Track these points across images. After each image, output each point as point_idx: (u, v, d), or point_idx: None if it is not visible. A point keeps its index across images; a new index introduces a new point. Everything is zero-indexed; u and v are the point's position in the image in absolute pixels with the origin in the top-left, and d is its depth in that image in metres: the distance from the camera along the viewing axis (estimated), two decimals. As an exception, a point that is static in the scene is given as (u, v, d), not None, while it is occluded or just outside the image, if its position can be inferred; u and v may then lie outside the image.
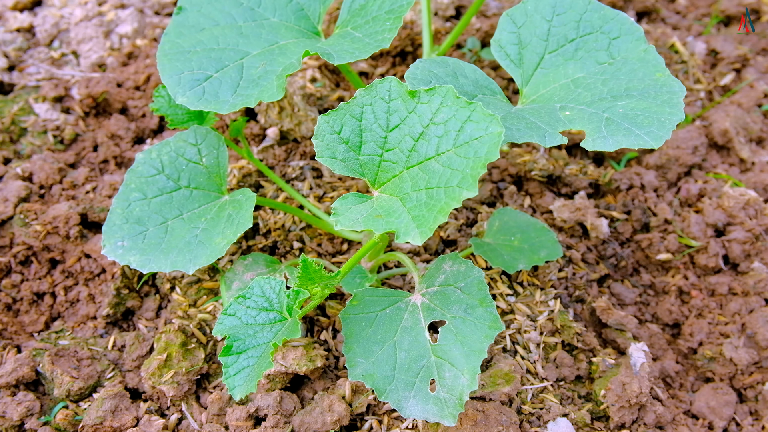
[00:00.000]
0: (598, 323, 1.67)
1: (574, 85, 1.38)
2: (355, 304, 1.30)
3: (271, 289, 1.26)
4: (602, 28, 1.42)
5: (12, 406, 1.42)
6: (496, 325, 1.24)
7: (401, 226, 1.12)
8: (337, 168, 1.24)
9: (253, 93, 1.33)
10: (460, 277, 1.31)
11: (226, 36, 1.43)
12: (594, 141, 1.23)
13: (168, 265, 1.39)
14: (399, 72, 2.01)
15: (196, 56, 1.39)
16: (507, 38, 1.43)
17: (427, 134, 1.20)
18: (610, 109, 1.29)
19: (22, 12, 2.23)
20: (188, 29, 1.45)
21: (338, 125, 1.25)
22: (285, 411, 1.38)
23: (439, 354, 1.24)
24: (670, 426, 1.49)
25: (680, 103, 1.29)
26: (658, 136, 1.23)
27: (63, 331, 1.61)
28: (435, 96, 1.20)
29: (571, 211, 1.76)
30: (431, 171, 1.18)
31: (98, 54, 2.08)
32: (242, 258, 1.57)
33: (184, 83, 1.35)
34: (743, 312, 1.71)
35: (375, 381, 1.24)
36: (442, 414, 1.20)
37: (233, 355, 1.22)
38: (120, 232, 1.44)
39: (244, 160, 1.81)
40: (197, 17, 1.46)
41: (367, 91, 1.24)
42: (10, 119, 1.92)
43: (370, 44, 1.36)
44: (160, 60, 1.39)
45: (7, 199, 1.73)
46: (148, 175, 1.49)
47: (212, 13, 1.47)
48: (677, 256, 1.80)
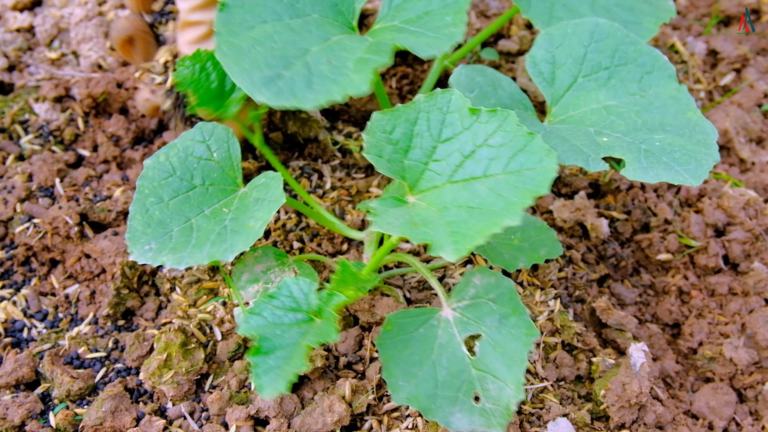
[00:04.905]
0: (598, 323, 1.67)
1: (606, 112, 1.41)
2: (389, 328, 1.30)
3: (299, 290, 1.25)
4: (636, 61, 1.46)
5: (13, 407, 1.42)
6: (532, 331, 1.25)
7: (437, 239, 1.10)
8: (382, 167, 1.24)
9: (332, 88, 1.29)
10: (491, 289, 1.31)
11: (279, 33, 1.39)
12: (635, 171, 1.26)
13: (205, 257, 1.35)
14: (399, 72, 2.01)
15: (260, 56, 1.34)
16: (542, 56, 1.46)
17: (478, 154, 1.20)
18: (647, 141, 1.32)
19: (22, 12, 2.23)
20: (238, 27, 1.39)
21: (391, 126, 1.25)
22: (286, 412, 1.38)
23: (479, 367, 1.25)
24: (670, 426, 1.49)
25: (715, 145, 1.33)
26: (697, 175, 1.27)
27: (63, 331, 1.61)
28: (494, 118, 1.20)
29: (571, 211, 1.77)
30: (475, 191, 1.17)
31: (98, 54, 2.08)
32: (252, 250, 1.55)
33: (257, 83, 1.30)
34: (743, 312, 1.71)
35: (420, 402, 1.23)
36: (489, 424, 1.21)
37: (262, 355, 1.19)
38: (144, 237, 1.40)
39: (245, 161, 1.81)
40: (242, 14, 1.40)
41: (427, 98, 1.25)
42: (10, 119, 1.92)
43: (440, 38, 1.34)
44: (224, 62, 1.33)
45: (7, 199, 1.73)
46: (160, 179, 1.45)
47: (256, 9, 1.42)
48: (677, 256, 1.81)
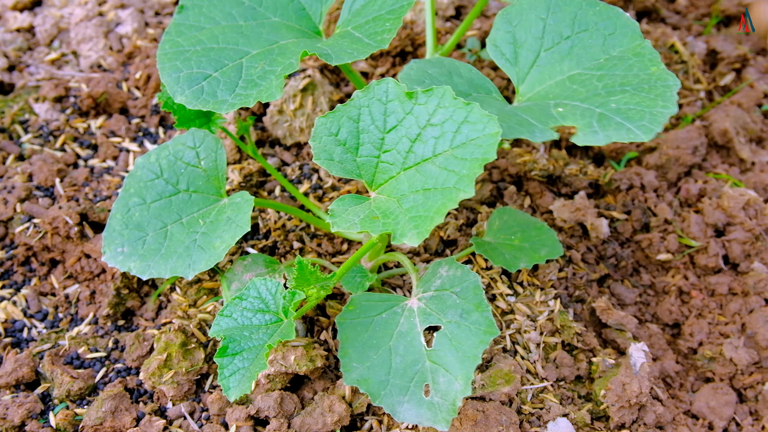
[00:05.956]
0: (598, 323, 1.67)
1: (569, 82, 1.38)
2: (352, 309, 1.30)
3: (267, 291, 1.26)
4: (597, 25, 1.42)
5: (13, 408, 1.42)
6: (491, 330, 1.24)
7: (398, 228, 1.12)
8: (335, 170, 1.23)
9: (251, 93, 1.32)
10: (456, 281, 1.30)
11: (226, 35, 1.42)
12: (585, 136, 1.23)
13: (167, 270, 1.38)
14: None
15: (195, 55, 1.38)
16: (502, 37, 1.43)
17: (424, 135, 1.20)
18: (603, 104, 1.28)
19: (22, 12, 2.23)
20: (188, 28, 1.44)
21: (335, 127, 1.24)
22: (286, 412, 1.38)
23: (433, 359, 1.24)
24: (670, 426, 1.49)
25: (674, 96, 1.28)
26: (649, 129, 1.22)
27: (63, 331, 1.61)
28: (432, 97, 1.19)
29: (571, 212, 1.76)
30: (428, 172, 1.17)
31: (98, 54, 2.08)
32: (241, 258, 1.56)
33: (182, 82, 1.34)
34: (743, 312, 1.71)
35: (369, 386, 1.24)
36: (435, 419, 1.20)
37: (228, 356, 1.22)
38: (120, 239, 1.43)
39: (245, 161, 1.81)
40: (198, 16, 1.45)
41: (364, 92, 1.24)
42: (10, 119, 1.92)
43: (370, 45, 1.35)
44: (159, 59, 1.38)
45: (7, 199, 1.73)
46: (147, 179, 1.47)
47: (213, 12, 1.46)
48: (677, 256, 1.80)
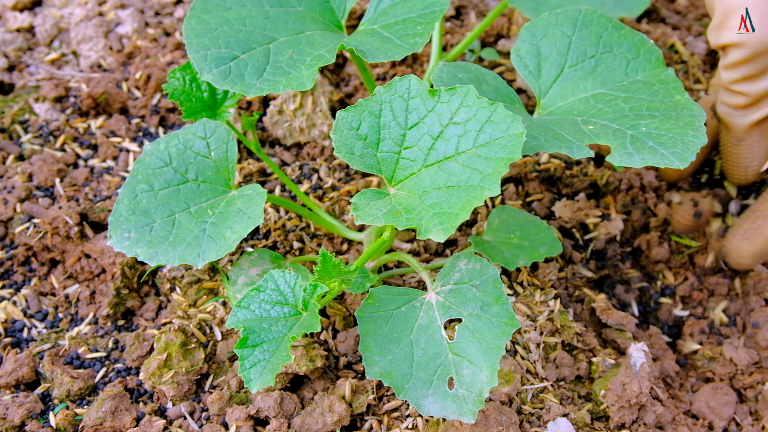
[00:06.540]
0: (598, 323, 1.67)
1: (594, 101, 1.40)
2: (371, 302, 1.29)
3: (285, 283, 1.25)
4: (621, 48, 1.45)
5: (13, 407, 1.42)
6: (512, 322, 1.24)
7: (422, 223, 1.12)
8: (355, 164, 1.24)
9: (280, 80, 1.31)
10: (476, 275, 1.29)
11: (252, 18, 1.40)
12: (621, 157, 1.25)
13: (176, 258, 1.36)
14: (399, 73, 2.01)
15: (223, 35, 1.35)
16: (527, 49, 1.45)
17: (447, 133, 1.21)
18: (633, 127, 1.31)
19: (22, 12, 2.23)
20: (214, 6, 1.41)
21: (356, 121, 1.25)
22: (286, 412, 1.38)
23: (456, 351, 1.24)
24: (670, 426, 1.49)
25: (702, 126, 1.32)
26: (684, 157, 1.26)
27: (63, 331, 1.61)
28: (455, 96, 1.21)
29: (572, 212, 1.77)
30: (450, 170, 1.18)
31: (98, 54, 2.08)
32: (248, 254, 1.56)
33: (210, 60, 1.32)
34: (743, 312, 1.71)
35: (393, 379, 1.23)
36: (461, 411, 1.19)
37: (249, 347, 1.20)
38: (126, 224, 1.42)
39: (245, 161, 1.81)
40: None
41: (386, 88, 1.25)
42: (10, 119, 1.92)
43: (402, 46, 1.35)
44: (186, 34, 1.35)
45: (7, 199, 1.73)
46: (155, 166, 1.46)
47: None
48: (677, 256, 1.81)
